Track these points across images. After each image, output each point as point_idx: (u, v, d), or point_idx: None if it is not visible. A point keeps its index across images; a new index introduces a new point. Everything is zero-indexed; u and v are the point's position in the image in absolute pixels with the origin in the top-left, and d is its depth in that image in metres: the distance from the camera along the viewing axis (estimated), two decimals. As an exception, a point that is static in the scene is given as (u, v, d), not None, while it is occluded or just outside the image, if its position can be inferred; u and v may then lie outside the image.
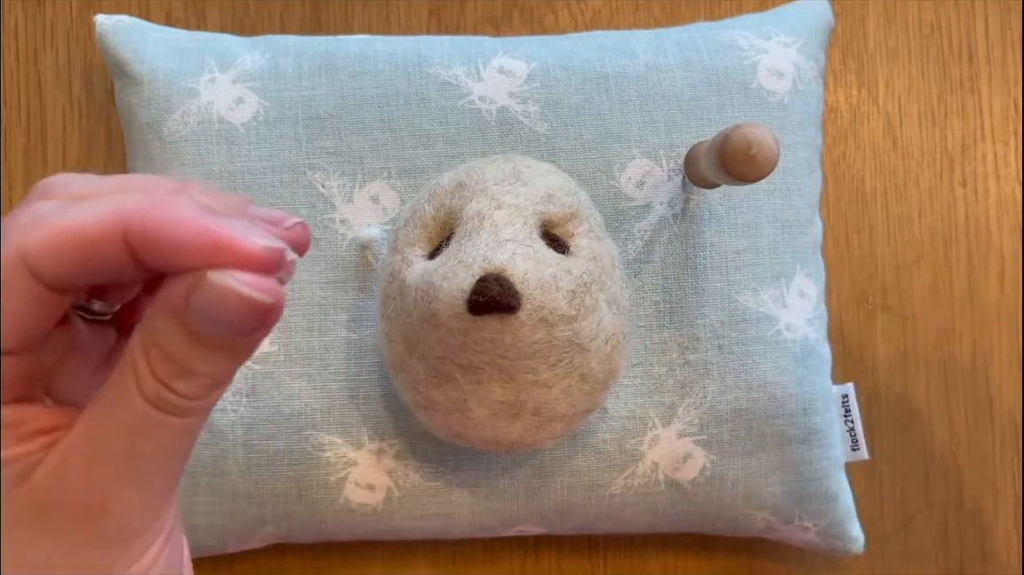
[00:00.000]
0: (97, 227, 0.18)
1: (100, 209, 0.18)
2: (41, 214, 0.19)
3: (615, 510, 0.36)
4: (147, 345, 0.19)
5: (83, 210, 0.19)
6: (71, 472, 0.19)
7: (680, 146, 0.35)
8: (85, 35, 0.41)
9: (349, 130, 0.35)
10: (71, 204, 0.19)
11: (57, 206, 0.19)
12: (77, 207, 0.19)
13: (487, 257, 0.28)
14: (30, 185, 0.40)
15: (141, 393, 0.19)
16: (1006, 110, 0.43)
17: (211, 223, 0.18)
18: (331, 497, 0.35)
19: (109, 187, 0.20)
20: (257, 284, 0.18)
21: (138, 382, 0.19)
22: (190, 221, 0.18)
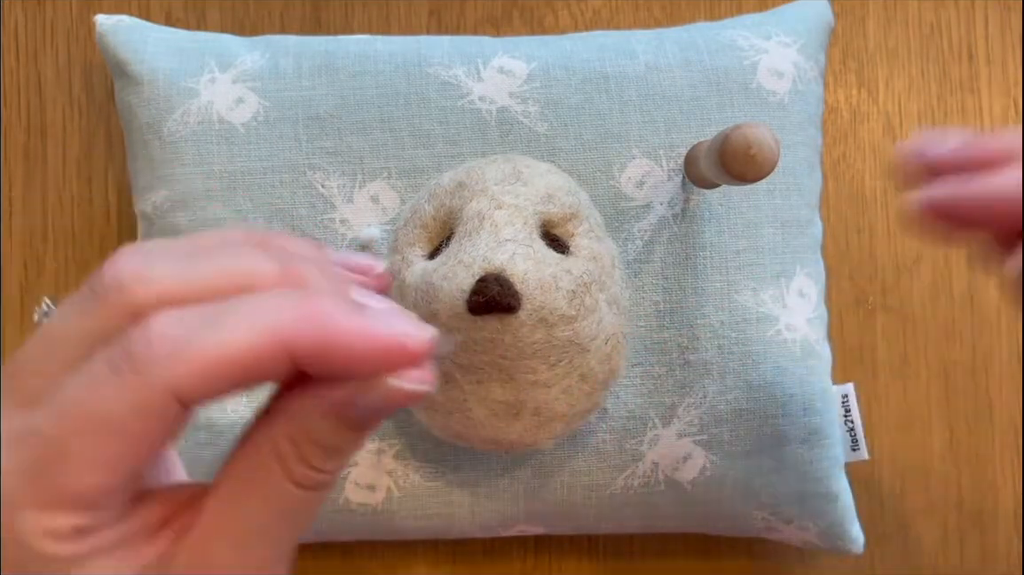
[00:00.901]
0: (255, 352, 0.18)
1: (251, 330, 0.18)
2: (180, 336, 0.18)
3: (615, 510, 0.36)
4: (297, 437, 0.19)
5: (230, 331, 0.18)
6: (218, 557, 0.19)
7: (680, 146, 0.35)
8: (85, 35, 0.41)
9: (349, 130, 0.35)
10: (210, 320, 0.18)
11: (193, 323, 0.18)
12: (219, 329, 0.18)
13: (487, 257, 0.28)
14: (30, 185, 0.40)
15: (290, 479, 0.19)
16: (1006, 110, 0.43)
17: (375, 330, 0.18)
18: (331, 497, 0.35)
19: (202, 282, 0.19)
20: (426, 378, 0.18)
21: (286, 470, 0.19)
22: (356, 332, 0.18)
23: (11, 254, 0.40)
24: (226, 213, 0.35)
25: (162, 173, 0.35)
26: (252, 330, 0.18)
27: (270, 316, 0.18)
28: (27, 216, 0.40)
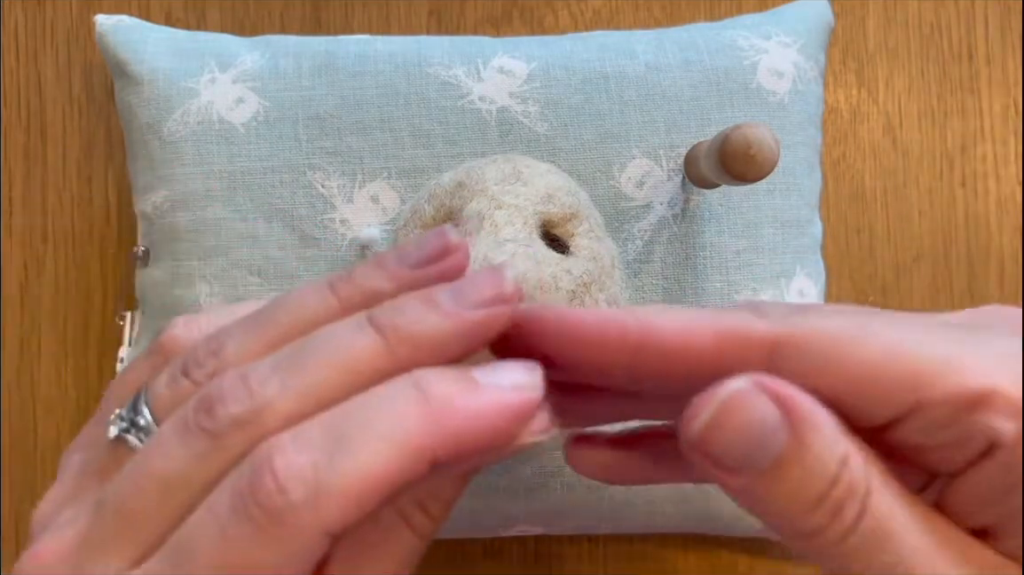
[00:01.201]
0: (396, 470, 0.17)
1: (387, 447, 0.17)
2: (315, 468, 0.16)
3: (615, 510, 0.36)
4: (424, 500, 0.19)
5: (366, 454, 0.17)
6: None
7: (680, 146, 0.35)
8: (85, 35, 0.41)
9: (349, 130, 0.35)
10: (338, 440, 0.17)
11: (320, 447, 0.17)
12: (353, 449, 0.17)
13: (487, 257, 0.28)
14: (30, 185, 0.40)
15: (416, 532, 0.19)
16: (1006, 110, 0.43)
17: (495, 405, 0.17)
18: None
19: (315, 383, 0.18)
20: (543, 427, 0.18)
21: (413, 526, 0.19)
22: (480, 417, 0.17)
23: (11, 254, 0.40)
24: (226, 213, 0.35)
25: (162, 173, 0.35)
26: (388, 447, 0.17)
27: (399, 427, 0.17)
28: (27, 216, 0.40)
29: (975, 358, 0.17)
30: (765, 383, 0.17)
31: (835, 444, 0.17)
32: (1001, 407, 0.17)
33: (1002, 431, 0.17)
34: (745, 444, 0.16)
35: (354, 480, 0.16)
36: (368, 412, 0.17)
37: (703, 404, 0.17)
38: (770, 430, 0.16)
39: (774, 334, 0.18)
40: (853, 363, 0.17)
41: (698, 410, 0.17)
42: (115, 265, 0.41)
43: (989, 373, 0.17)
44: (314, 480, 0.16)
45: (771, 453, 0.16)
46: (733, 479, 0.17)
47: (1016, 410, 0.17)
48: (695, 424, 0.17)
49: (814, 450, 0.17)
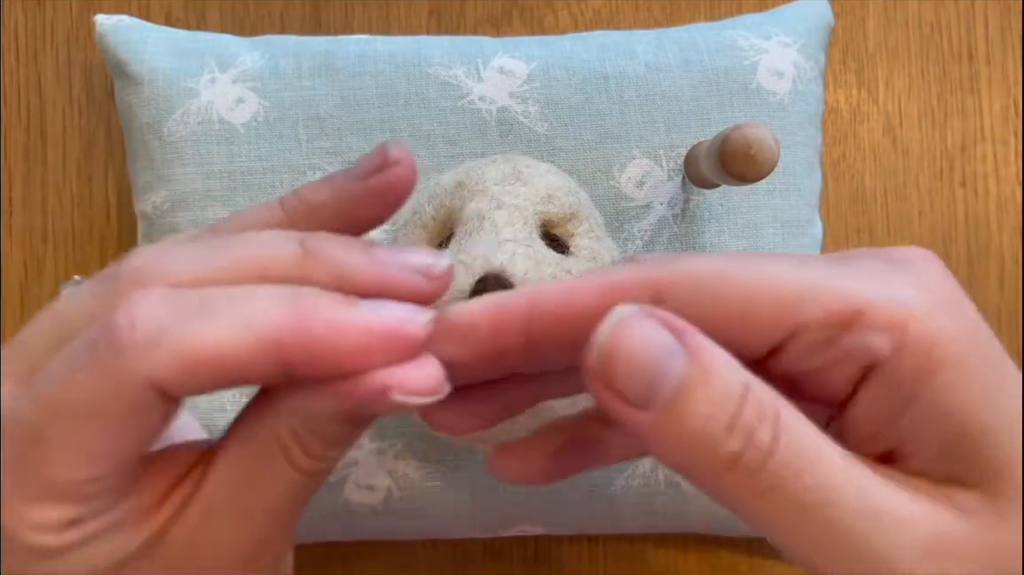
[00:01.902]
0: (240, 352, 0.17)
1: (240, 328, 0.17)
2: (162, 324, 0.17)
3: (615, 510, 0.36)
4: (300, 431, 0.19)
5: (218, 327, 0.17)
6: (215, 535, 0.19)
7: (680, 146, 0.35)
8: (85, 35, 0.41)
9: (349, 130, 0.35)
10: (197, 310, 0.17)
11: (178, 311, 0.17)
12: (209, 320, 0.17)
13: (487, 257, 0.28)
14: (30, 185, 0.40)
15: (295, 467, 0.19)
16: (1006, 110, 0.43)
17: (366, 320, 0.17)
18: (331, 497, 0.35)
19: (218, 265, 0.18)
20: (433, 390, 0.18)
21: (291, 461, 0.19)
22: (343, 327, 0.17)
23: (11, 254, 0.40)
24: (226, 213, 0.35)
25: (162, 173, 0.35)
26: (241, 328, 0.17)
27: (260, 316, 0.17)
28: (27, 216, 0.40)
29: (847, 279, 0.18)
30: (654, 311, 0.17)
31: (735, 369, 0.17)
32: (874, 323, 0.17)
33: (878, 347, 0.17)
34: (644, 371, 0.16)
35: (194, 343, 0.17)
36: (242, 299, 0.17)
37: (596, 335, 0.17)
38: (667, 355, 0.16)
39: (654, 279, 0.18)
40: (731, 296, 0.18)
41: (592, 342, 0.17)
42: (115, 265, 0.41)
43: (861, 291, 0.17)
44: (158, 330, 0.17)
45: (674, 380, 0.16)
46: (641, 417, 0.17)
47: (890, 325, 0.17)
48: (592, 355, 0.17)
49: (716, 374, 0.16)
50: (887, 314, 0.17)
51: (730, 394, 0.16)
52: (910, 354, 0.17)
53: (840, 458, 0.17)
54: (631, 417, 0.17)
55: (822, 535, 0.16)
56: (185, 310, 0.17)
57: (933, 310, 0.18)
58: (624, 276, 0.18)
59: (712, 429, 0.16)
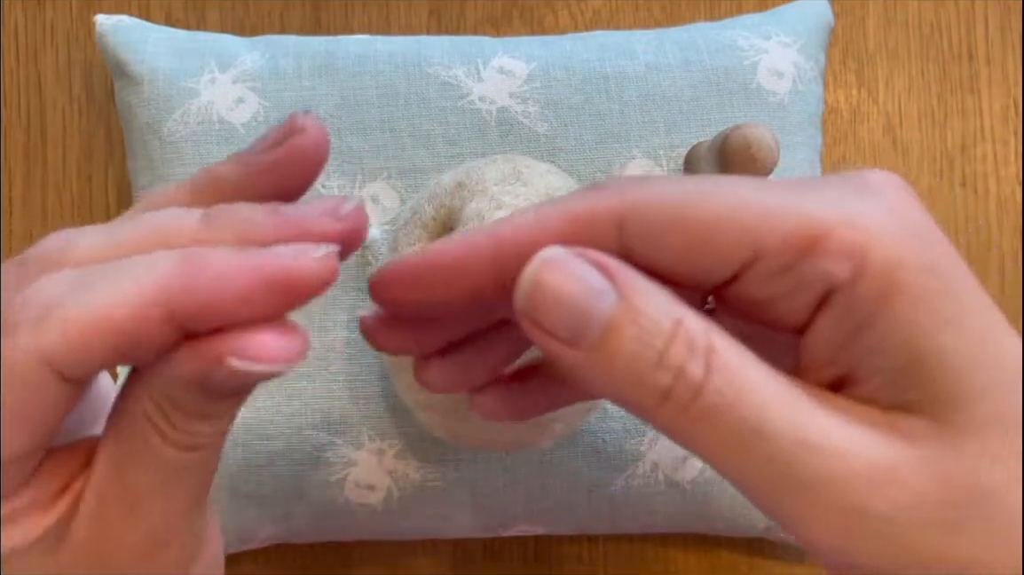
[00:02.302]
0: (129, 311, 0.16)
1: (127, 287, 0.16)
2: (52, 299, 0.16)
3: (615, 510, 0.36)
4: (163, 405, 0.18)
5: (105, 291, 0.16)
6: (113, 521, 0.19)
7: (680, 146, 0.35)
8: (85, 35, 0.41)
9: (349, 130, 0.35)
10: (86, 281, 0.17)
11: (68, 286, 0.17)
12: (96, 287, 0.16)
13: (487, 257, 0.28)
14: (30, 185, 0.40)
15: (167, 443, 0.18)
16: (1006, 110, 0.43)
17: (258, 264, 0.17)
18: (331, 497, 0.35)
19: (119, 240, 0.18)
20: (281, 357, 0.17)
21: (162, 436, 0.18)
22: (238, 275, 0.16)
23: (11, 254, 0.40)
24: (226, 213, 0.35)
25: (162, 173, 0.35)
26: (128, 289, 0.16)
27: (146, 275, 0.16)
28: (27, 216, 0.40)
29: (809, 203, 0.17)
30: (584, 251, 0.17)
31: (667, 305, 0.17)
32: (834, 249, 0.17)
33: (836, 273, 0.17)
34: (572, 310, 0.16)
35: (81, 311, 0.16)
36: (132, 263, 0.17)
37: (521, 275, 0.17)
38: (596, 292, 0.16)
39: (619, 207, 0.18)
40: (693, 222, 0.17)
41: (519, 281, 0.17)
42: (115, 265, 0.41)
43: (823, 216, 0.17)
44: (47, 305, 0.16)
45: (602, 317, 0.16)
46: (572, 352, 0.17)
47: (850, 250, 0.17)
48: (520, 291, 0.17)
49: (645, 311, 0.16)
50: (848, 239, 0.17)
51: (659, 331, 0.16)
52: (869, 280, 0.17)
53: (778, 387, 0.17)
54: (563, 354, 0.17)
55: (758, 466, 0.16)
56: (77, 284, 0.17)
57: (896, 236, 0.17)
58: (586, 206, 0.18)
59: (641, 365, 0.16)
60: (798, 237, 0.17)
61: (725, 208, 0.17)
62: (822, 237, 0.17)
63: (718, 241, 0.17)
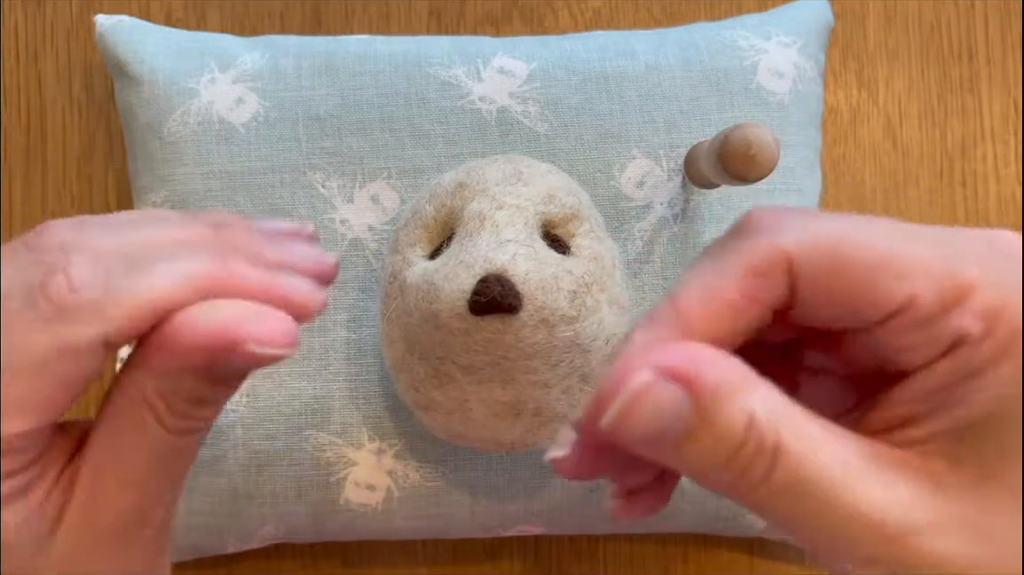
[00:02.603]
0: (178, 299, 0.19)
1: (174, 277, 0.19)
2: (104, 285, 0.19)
3: (615, 510, 0.36)
4: (165, 391, 0.19)
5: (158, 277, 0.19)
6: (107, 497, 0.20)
7: (680, 146, 0.35)
8: (85, 35, 0.41)
9: (349, 130, 0.35)
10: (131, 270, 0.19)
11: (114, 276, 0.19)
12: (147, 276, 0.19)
13: (488, 257, 0.28)
14: (30, 185, 0.40)
15: (164, 427, 0.20)
16: (1006, 110, 0.43)
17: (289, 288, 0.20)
18: (331, 497, 0.35)
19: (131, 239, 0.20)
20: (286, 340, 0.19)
21: (159, 419, 0.19)
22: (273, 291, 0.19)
23: (11, 254, 0.40)
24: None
25: (162, 173, 0.35)
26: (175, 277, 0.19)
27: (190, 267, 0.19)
28: (27, 216, 0.40)
29: (956, 260, 0.18)
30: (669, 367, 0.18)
31: (741, 409, 0.18)
32: (976, 307, 0.18)
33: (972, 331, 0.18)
34: (655, 429, 0.18)
35: (143, 294, 0.18)
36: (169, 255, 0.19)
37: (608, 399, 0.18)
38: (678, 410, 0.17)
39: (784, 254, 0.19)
40: (853, 266, 0.19)
41: (604, 404, 0.18)
42: (115, 265, 0.41)
43: (969, 274, 0.18)
44: (104, 287, 0.18)
45: (681, 430, 0.18)
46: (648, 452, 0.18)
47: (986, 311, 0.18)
48: (605, 418, 0.18)
49: (720, 420, 0.17)
50: (988, 300, 0.18)
51: (732, 436, 0.18)
52: (994, 341, 0.18)
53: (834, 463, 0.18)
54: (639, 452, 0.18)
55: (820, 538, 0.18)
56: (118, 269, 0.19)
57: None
58: (760, 257, 0.19)
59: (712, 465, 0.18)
60: (949, 292, 0.18)
61: (886, 253, 0.19)
62: (967, 295, 0.18)
63: (877, 287, 0.18)
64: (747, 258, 0.19)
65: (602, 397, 0.18)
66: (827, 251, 0.19)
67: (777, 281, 0.19)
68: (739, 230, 0.20)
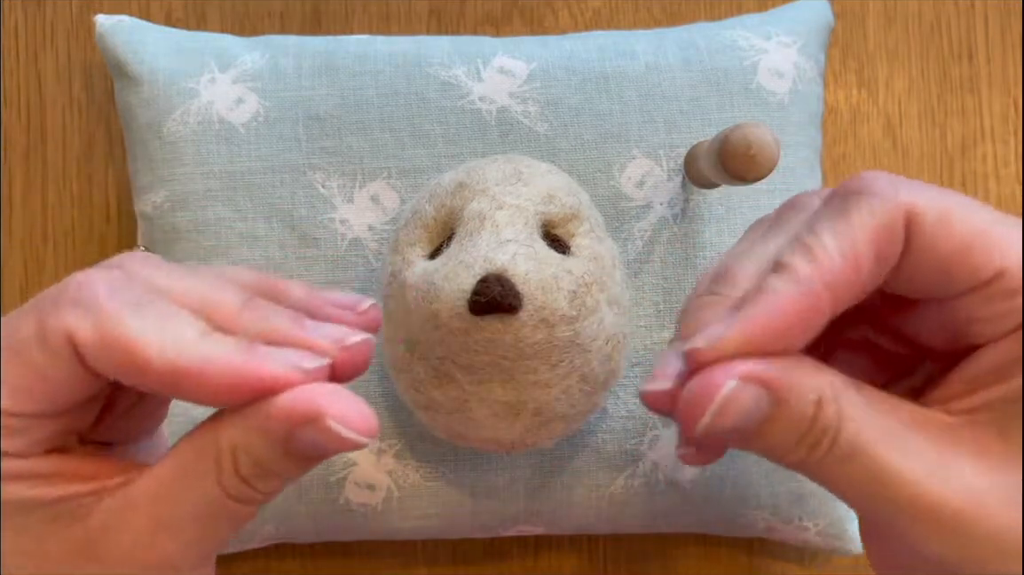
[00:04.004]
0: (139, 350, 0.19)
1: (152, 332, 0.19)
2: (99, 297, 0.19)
3: (615, 510, 0.36)
4: (239, 450, 0.19)
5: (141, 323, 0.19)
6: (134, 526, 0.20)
7: (680, 146, 0.35)
8: (85, 35, 0.41)
9: (349, 130, 0.35)
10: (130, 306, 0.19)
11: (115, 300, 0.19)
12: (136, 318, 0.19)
13: (488, 257, 0.28)
14: (30, 185, 0.40)
15: (220, 484, 0.20)
16: (1006, 110, 0.43)
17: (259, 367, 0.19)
18: (331, 497, 0.35)
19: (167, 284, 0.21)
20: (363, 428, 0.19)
21: (219, 476, 0.20)
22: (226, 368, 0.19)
23: (11, 254, 0.40)
24: (226, 213, 0.35)
25: (162, 173, 0.35)
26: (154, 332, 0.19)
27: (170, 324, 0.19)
28: (27, 216, 0.40)
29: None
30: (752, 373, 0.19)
31: (809, 394, 0.20)
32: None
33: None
34: (741, 423, 0.20)
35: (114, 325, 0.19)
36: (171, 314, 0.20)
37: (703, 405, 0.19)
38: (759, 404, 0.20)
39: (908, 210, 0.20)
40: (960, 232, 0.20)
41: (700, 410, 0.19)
42: (115, 265, 0.41)
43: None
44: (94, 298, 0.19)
45: (759, 420, 0.20)
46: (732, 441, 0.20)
47: None
48: (702, 422, 0.19)
49: (792, 409, 0.20)
50: None
51: (802, 419, 0.20)
52: None
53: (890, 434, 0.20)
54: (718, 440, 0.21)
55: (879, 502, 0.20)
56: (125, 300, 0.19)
57: None
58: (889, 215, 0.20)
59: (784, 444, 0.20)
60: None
61: (982, 226, 0.20)
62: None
63: (975, 255, 0.20)
64: (876, 215, 0.20)
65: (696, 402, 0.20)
66: (939, 216, 0.20)
67: (899, 239, 0.20)
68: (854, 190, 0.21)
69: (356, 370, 0.21)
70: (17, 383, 0.19)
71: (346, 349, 0.21)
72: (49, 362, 0.19)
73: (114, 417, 0.23)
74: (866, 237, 0.20)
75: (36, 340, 0.19)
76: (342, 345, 0.21)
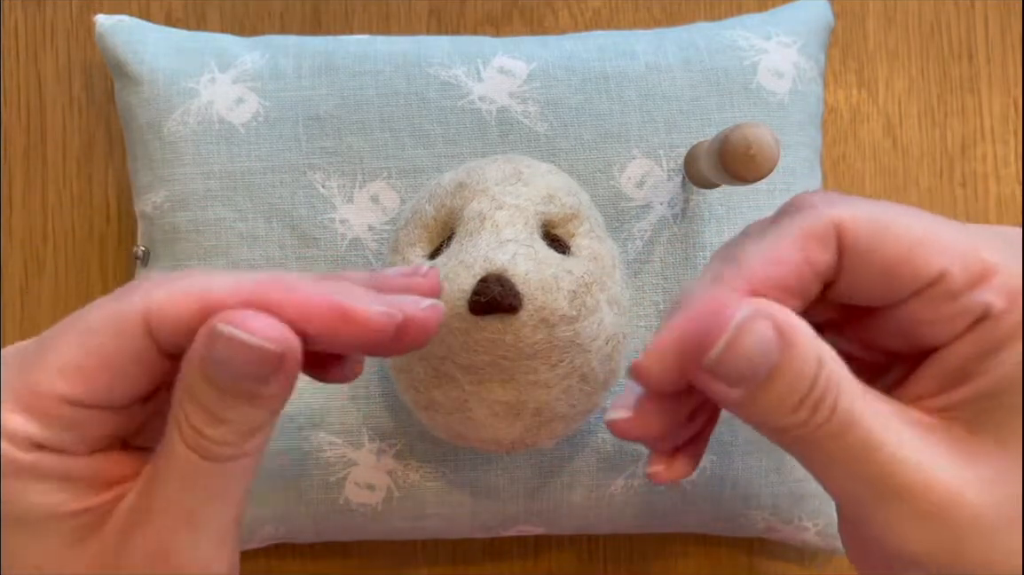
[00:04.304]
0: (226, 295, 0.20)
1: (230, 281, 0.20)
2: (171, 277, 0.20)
3: (615, 510, 0.36)
4: (183, 397, 0.20)
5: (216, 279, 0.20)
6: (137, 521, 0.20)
7: (680, 146, 0.35)
8: (85, 35, 0.41)
9: (349, 130, 0.35)
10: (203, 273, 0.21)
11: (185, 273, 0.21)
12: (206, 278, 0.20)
13: (488, 257, 0.28)
14: (30, 185, 0.41)
15: (183, 440, 0.20)
16: (1006, 110, 0.43)
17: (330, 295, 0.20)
18: (331, 497, 0.35)
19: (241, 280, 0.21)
20: (262, 332, 0.19)
21: (180, 431, 0.20)
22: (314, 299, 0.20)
23: (11, 254, 0.40)
24: (226, 213, 0.35)
25: (162, 173, 0.35)
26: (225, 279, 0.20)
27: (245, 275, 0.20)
28: (27, 216, 0.40)
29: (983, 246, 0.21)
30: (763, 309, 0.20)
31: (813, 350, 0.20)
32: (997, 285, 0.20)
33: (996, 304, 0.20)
34: (750, 363, 0.20)
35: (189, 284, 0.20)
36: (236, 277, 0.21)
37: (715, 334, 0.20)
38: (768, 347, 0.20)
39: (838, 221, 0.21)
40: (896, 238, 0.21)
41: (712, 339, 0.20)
42: (115, 265, 0.41)
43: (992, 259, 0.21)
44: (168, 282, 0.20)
45: (768, 366, 0.20)
46: (733, 391, 0.20)
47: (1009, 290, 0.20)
48: (712, 352, 0.20)
49: (798, 358, 0.20)
50: (1010, 280, 0.20)
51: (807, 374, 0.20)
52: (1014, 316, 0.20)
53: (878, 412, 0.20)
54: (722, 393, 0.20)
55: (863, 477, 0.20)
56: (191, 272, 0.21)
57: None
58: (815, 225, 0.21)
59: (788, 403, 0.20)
60: (975, 270, 0.20)
61: (922, 233, 0.21)
62: (991, 274, 0.20)
63: (915, 260, 0.21)
64: (803, 226, 0.21)
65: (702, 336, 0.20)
66: (871, 225, 0.21)
67: (830, 247, 0.21)
68: (788, 208, 0.22)
69: (427, 334, 0.22)
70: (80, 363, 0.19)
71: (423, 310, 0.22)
72: (119, 345, 0.19)
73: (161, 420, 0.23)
74: (791, 244, 0.21)
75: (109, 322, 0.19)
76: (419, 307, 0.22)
